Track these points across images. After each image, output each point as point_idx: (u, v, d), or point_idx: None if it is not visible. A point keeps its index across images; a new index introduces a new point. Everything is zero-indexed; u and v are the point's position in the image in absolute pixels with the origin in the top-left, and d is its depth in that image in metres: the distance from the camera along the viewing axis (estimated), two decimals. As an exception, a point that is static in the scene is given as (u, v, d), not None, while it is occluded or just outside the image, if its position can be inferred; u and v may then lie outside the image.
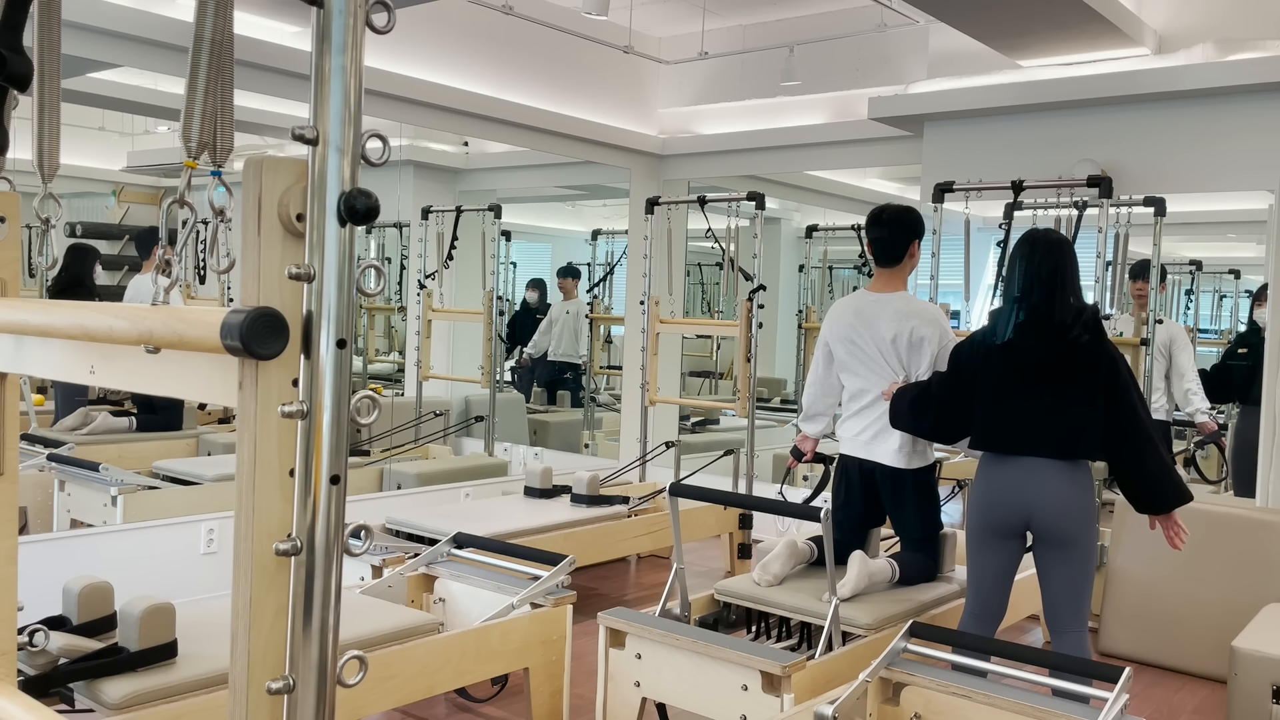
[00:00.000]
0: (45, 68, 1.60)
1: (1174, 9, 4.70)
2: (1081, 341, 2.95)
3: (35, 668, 2.40)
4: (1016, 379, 3.01)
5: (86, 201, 4.75)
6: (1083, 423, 2.96)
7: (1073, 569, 3.01)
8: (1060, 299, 2.97)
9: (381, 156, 1.11)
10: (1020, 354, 3.00)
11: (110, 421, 4.66)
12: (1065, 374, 2.97)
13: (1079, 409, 2.96)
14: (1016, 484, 3.01)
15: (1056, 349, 2.96)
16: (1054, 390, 2.97)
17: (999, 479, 3.05)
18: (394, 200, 5.71)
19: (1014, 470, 3.02)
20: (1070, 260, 3.03)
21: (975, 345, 3.13)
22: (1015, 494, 3.01)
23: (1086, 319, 2.97)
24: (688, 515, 4.81)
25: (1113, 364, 2.97)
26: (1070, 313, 2.96)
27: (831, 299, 6.93)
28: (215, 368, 1.15)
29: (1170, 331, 5.22)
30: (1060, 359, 2.97)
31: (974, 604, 3.17)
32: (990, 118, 5.14)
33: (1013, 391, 3.02)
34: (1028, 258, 3.02)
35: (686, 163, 6.65)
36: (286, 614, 1.12)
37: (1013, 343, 3.01)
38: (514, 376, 7.24)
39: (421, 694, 2.90)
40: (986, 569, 3.13)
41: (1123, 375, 2.98)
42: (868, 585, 3.35)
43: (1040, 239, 3.04)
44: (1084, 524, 2.99)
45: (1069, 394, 2.97)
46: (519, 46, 5.76)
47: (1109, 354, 2.98)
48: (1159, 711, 3.76)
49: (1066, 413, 2.96)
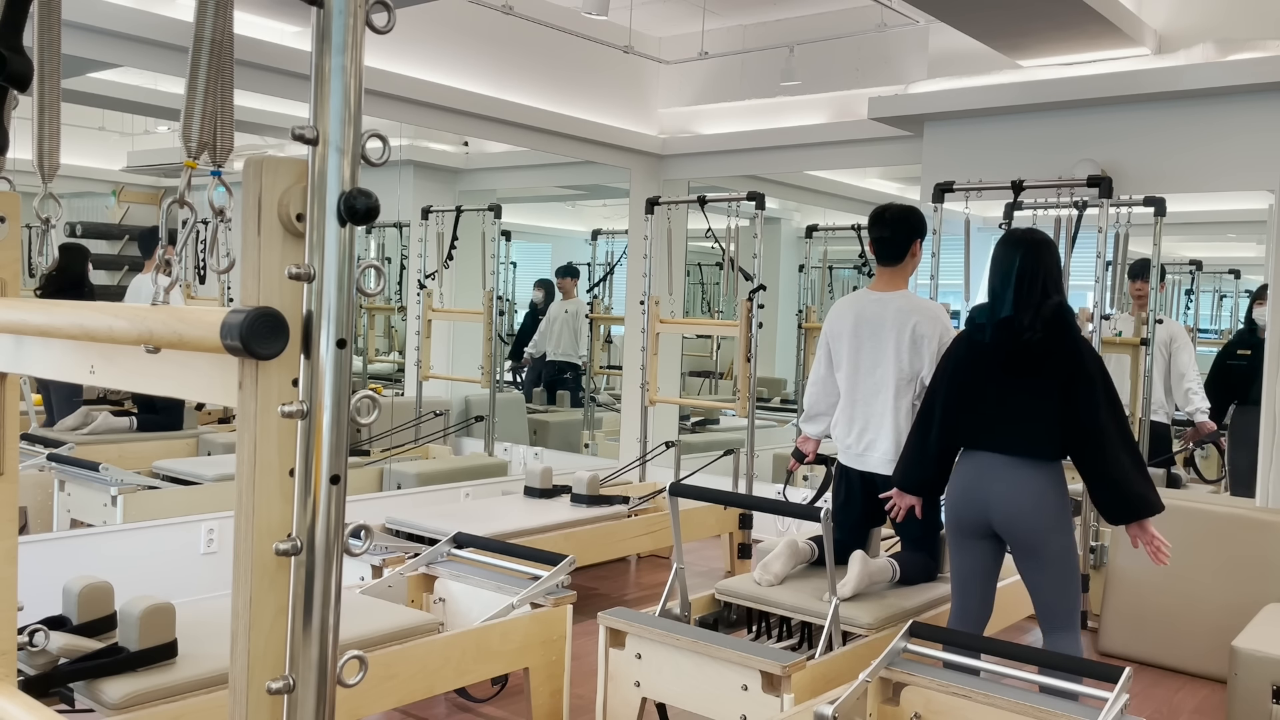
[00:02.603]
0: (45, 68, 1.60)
1: (1174, 9, 4.70)
2: (1034, 339, 2.93)
3: (35, 668, 2.40)
4: (982, 376, 3.03)
5: (86, 201, 4.74)
6: (1037, 422, 2.93)
7: (1045, 572, 2.96)
8: (1028, 298, 2.95)
9: (381, 156, 1.11)
10: (988, 352, 3.01)
11: (111, 421, 4.66)
12: (1023, 372, 2.96)
13: (1033, 408, 2.93)
14: (978, 479, 3.02)
15: (1017, 346, 2.96)
16: (1012, 388, 2.97)
17: (966, 474, 3.06)
18: (394, 200, 5.71)
19: (977, 466, 3.03)
20: (1047, 258, 3.00)
21: (957, 343, 3.16)
22: (977, 488, 3.02)
23: (1045, 314, 2.94)
24: (688, 515, 4.81)
25: (1074, 361, 2.91)
26: (1030, 311, 2.94)
27: (831, 299, 6.92)
28: (215, 368, 1.15)
29: (1170, 331, 5.22)
30: (1020, 355, 2.96)
31: (956, 606, 3.16)
32: (990, 118, 5.14)
33: (977, 388, 3.03)
34: (1006, 256, 3.02)
35: (686, 163, 6.65)
36: (286, 614, 1.12)
37: (986, 340, 3.03)
38: (515, 377, 7.24)
39: (421, 694, 2.90)
40: (963, 569, 3.13)
41: (1087, 372, 2.90)
42: (869, 585, 3.35)
43: (1018, 237, 3.04)
44: (1045, 527, 2.93)
45: (1025, 392, 2.95)
46: (519, 46, 5.76)
47: (1070, 352, 2.92)
48: (1159, 711, 3.76)
49: (1022, 411, 2.94)
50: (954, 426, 3.07)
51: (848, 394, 3.63)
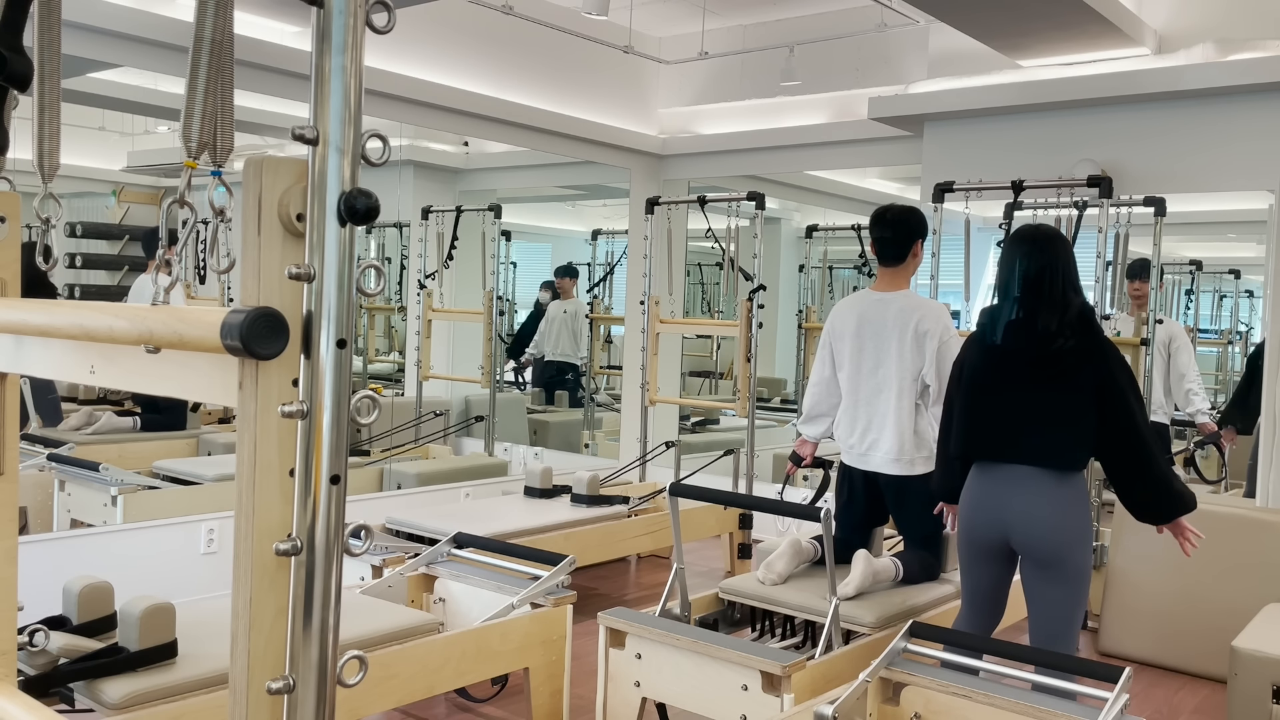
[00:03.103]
0: (45, 68, 1.60)
1: (1174, 9, 4.70)
2: (1066, 347, 2.80)
3: (35, 668, 2.40)
4: (1002, 383, 2.89)
5: (86, 201, 4.75)
6: (1067, 431, 2.80)
7: (1056, 591, 2.84)
8: (1048, 300, 2.83)
9: (381, 156, 1.11)
10: (1007, 357, 2.89)
11: (115, 421, 4.66)
12: (1051, 379, 2.82)
13: (1064, 416, 2.80)
14: (996, 494, 2.89)
15: (1042, 353, 2.83)
16: (1039, 396, 2.83)
17: (980, 488, 2.93)
18: (394, 200, 5.71)
19: (995, 479, 2.90)
20: (1063, 256, 2.88)
21: (968, 347, 3.04)
22: (995, 504, 2.89)
23: (1071, 320, 2.82)
24: (688, 515, 4.81)
25: (1105, 368, 2.80)
26: (1055, 316, 2.81)
27: (831, 299, 6.93)
28: (215, 368, 1.15)
29: (1169, 331, 5.22)
30: (1046, 363, 2.82)
31: (965, 618, 3.09)
32: (990, 118, 5.14)
33: (998, 395, 2.89)
34: (1019, 255, 2.89)
35: (686, 163, 6.65)
36: (286, 614, 1.12)
37: (1002, 345, 2.89)
38: (517, 377, 7.23)
39: (421, 694, 2.90)
40: (976, 584, 3.03)
41: (1118, 380, 2.79)
42: (872, 584, 3.37)
43: (1031, 234, 2.92)
44: (1068, 542, 2.82)
45: (1054, 400, 2.81)
46: (519, 46, 5.76)
47: (1101, 358, 2.81)
48: (1159, 711, 3.76)
49: (1051, 420, 2.81)
50: (972, 435, 2.94)
51: (851, 394, 3.64)
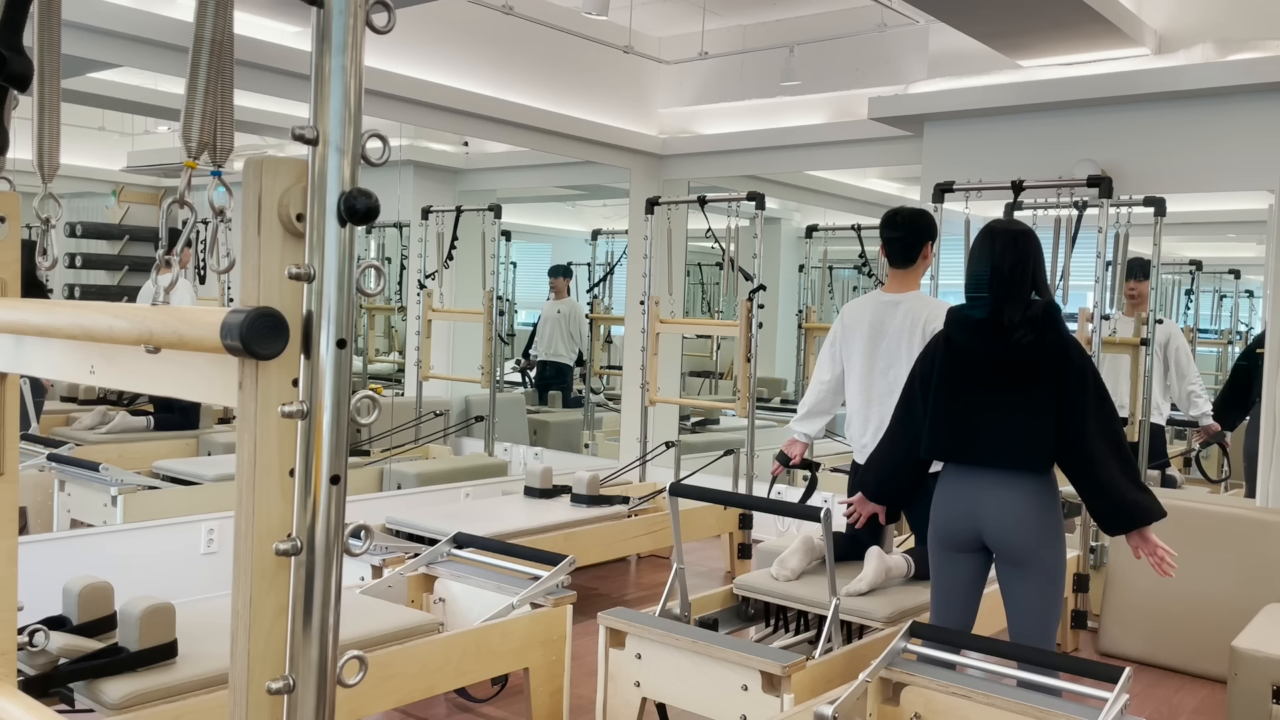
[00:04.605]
0: (45, 68, 1.60)
1: (1174, 9, 4.70)
2: (1025, 342, 2.75)
3: (35, 668, 2.40)
4: (967, 383, 2.83)
5: (86, 201, 4.75)
6: (1031, 430, 2.73)
7: (1030, 588, 2.81)
8: (1016, 297, 2.78)
9: (381, 156, 1.11)
10: (972, 356, 2.82)
11: (129, 421, 4.67)
12: (1015, 377, 2.76)
13: (1027, 415, 2.74)
14: (967, 497, 2.84)
15: (1005, 351, 2.77)
16: (1003, 395, 2.77)
17: (950, 491, 2.89)
18: (394, 200, 5.71)
19: (965, 482, 2.85)
20: (1033, 252, 2.82)
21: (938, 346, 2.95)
22: (965, 507, 2.84)
23: (1033, 316, 2.76)
24: (688, 515, 4.81)
25: (1065, 364, 2.73)
26: (1019, 311, 2.76)
27: (832, 299, 6.93)
28: (215, 368, 1.15)
29: (1168, 331, 5.22)
30: (1008, 361, 2.77)
31: (936, 616, 3.03)
32: (990, 118, 5.14)
33: (963, 397, 2.83)
34: (988, 251, 2.83)
35: (686, 163, 6.65)
36: (286, 614, 1.12)
37: (966, 344, 2.84)
38: (523, 377, 7.22)
39: (421, 694, 2.90)
40: (948, 580, 2.98)
41: (1078, 377, 2.73)
42: (885, 580, 3.44)
43: (1001, 230, 2.88)
44: (1039, 540, 2.77)
45: (1017, 399, 2.75)
46: (519, 46, 5.76)
47: (1062, 356, 2.74)
48: (1159, 711, 3.76)
49: (1015, 420, 2.75)
50: (936, 438, 2.88)
51: (862, 395, 3.65)
